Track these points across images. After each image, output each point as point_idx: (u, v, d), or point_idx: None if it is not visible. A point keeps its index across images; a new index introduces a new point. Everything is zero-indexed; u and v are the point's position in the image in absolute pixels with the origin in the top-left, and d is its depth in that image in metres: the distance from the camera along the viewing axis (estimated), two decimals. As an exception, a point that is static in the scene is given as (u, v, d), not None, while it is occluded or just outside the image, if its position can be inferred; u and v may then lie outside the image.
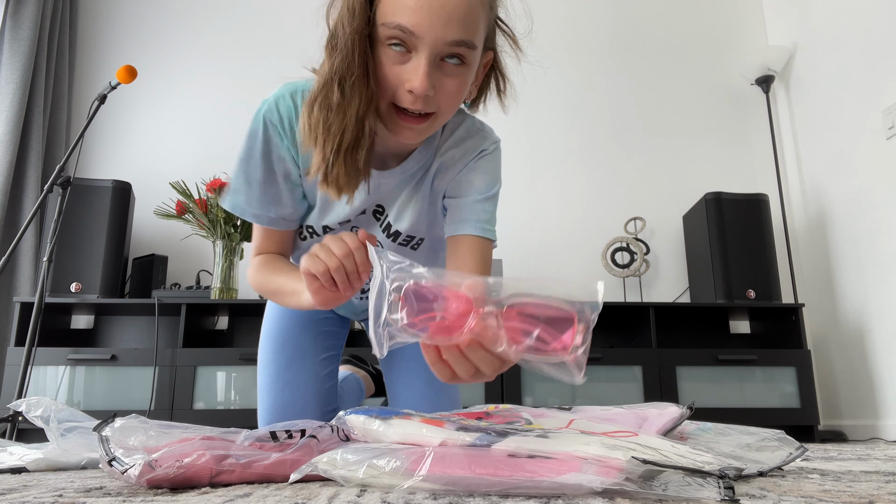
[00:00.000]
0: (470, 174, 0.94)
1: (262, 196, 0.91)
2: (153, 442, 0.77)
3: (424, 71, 0.74)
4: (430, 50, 0.74)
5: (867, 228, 2.59)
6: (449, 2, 0.72)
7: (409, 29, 0.73)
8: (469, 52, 0.77)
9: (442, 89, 0.78)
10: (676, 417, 0.86)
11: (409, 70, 0.75)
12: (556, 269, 2.97)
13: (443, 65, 0.77)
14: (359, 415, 0.84)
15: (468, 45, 0.76)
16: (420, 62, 0.74)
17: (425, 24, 0.72)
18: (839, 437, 2.59)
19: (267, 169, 0.90)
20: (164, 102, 3.05)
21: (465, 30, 0.74)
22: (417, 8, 0.72)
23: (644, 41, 3.29)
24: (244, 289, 2.78)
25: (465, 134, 0.95)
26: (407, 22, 0.72)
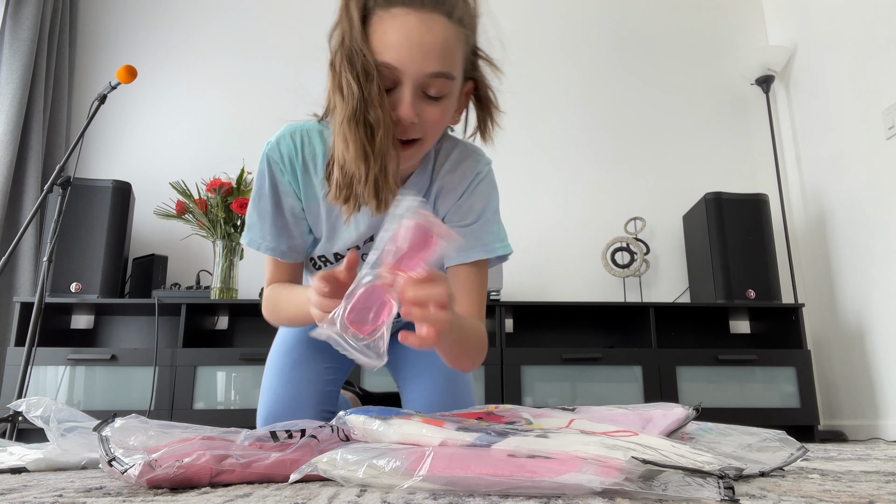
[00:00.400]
0: (471, 199, 1.01)
1: (273, 228, 0.99)
2: (153, 442, 0.77)
3: (409, 101, 0.83)
4: (413, 82, 0.83)
5: (867, 228, 2.59)
6: (427, 39, 0.81)
7: (393, 65, 0.81)
8: (448, 82, 0.85)
9: (425, 117, 0.86)
10: (682, 418, 0.86)
11: (394, 99, 0.83)
12: (556, 269, 2.97)
13: (425, 96, 0.85)
14: (359, 415, 0.84)
15: (446, 77, 0.84)
16: (405, 93, 0.83)
17: (406, 60, 0.81)
18: (839, 437, 2.59)
19: (275, 203, 0.98)
20: (164, 102, 3.05)
21: (443, 63, 0.83)
22: (399, 46, 0.81)
23: (644, 41, 3.29)
24: (244, 289, 2.78)
25: (458, 157, 1.02)
26: (390, 59, 0.81)
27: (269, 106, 3.05)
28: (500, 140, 2.90)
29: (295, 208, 1.00)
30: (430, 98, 0.85)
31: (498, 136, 1.03)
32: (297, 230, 1.00)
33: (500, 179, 1.11)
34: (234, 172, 2.70)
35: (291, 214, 1.00)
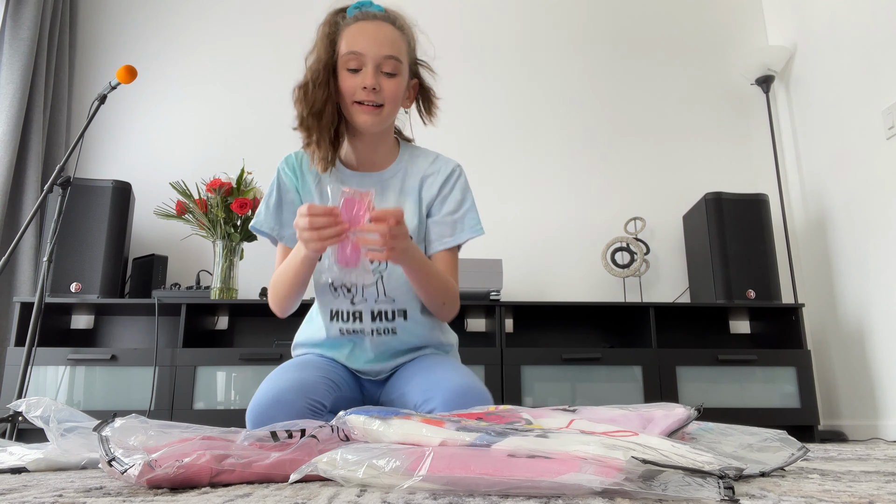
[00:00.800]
0: (453, 194, 1.30)
1: (276, 215, 1.28)
2: (153, 442, 0.77)
3: (371, 72, 1.18)
4: (373, 62, 1.18)
5: (867, 228, 2.59)
6: (380, 35, 1.19)
7: (358, 51, 1.18)
8: (398, 64, 1.20)
9: (384, 88, 1.19)
10: (683, 419, 0.86)
11: (362, 76, 1.19)
12: (556, 269, 2.97)
13: (382, 73, 1.19)
14: (359, 415, 0.84)
15: (397, 59, 1.20)
16: (368, 69, 1.18)
17: (367, 47, 1.18)
18: (839, 437, 2.59)
19: (279, 198, 1.29)
20: (164, 102, 3.05)
21: (392, 49, 1.20)
22: (362, 40, 1.18)
23: (644, 41, 3.29)
24: (244, 289, 2.78)
25: (434, 157, 1.34)
26: (356, 47, 1.18)
27: (268, 106, 3.06)
28: (500, 140, 3.04)
29: (295, 202, 1.28)
30: (386, 75, 1.19)
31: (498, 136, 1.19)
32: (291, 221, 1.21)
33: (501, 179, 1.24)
34: (234, 172, 2.70)
35: (290, 206, 1.27)
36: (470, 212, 1.30)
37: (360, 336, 1.27)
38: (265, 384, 1.17)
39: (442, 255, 1.28)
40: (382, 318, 1.26)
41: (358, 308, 1.25)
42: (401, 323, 1.26)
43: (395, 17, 1.23)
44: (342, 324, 1.27)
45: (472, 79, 3.18)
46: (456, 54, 3.20)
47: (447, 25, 3.23)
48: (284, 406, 1.10)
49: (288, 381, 1.15)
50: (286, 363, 1.29)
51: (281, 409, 1.10)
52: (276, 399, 1.11)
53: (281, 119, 3.08)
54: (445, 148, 2.99)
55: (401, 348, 1.29)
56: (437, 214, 1.29)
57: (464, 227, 1.29)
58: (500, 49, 3.23)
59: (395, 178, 1.29)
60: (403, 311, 1.26)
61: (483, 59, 3.21)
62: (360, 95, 1.18)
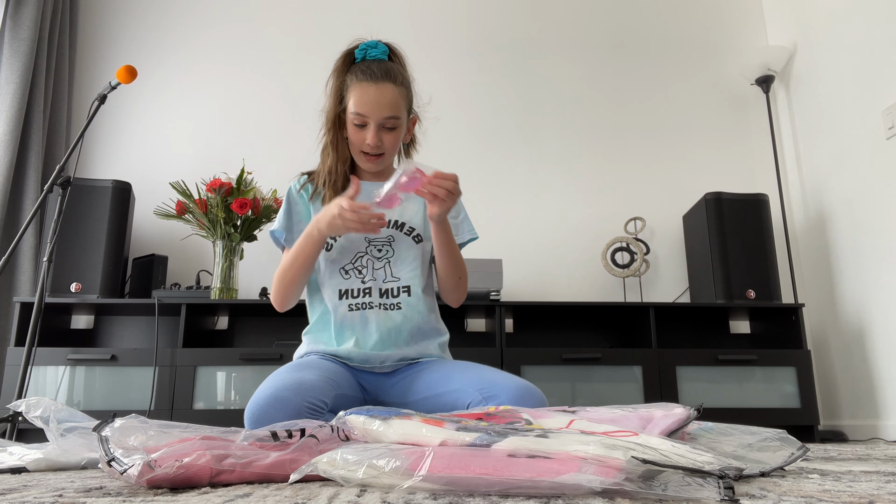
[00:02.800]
0: None
1: (288, 222, 1.46)
2: (153, 442, 0.77)
3: (373, 135, 1.36)
4: (375, 123, 1.36)
5: (867, 229, 2.59)
6: (382, 99, 1.35)
7: (363, 114, 1.36)
8: (396, 121, 1.38)
9: (385, 141, 1.39)
10: (682, 419, 0.86)
11: (366, 132, 1.37)
12: (556, 269, 2.97)
13: (383, 130, 1.38)
14: (359, 415, 0.84)
15: (395, 118, 1.37)
16: (371, 129, 1.37)
17: (371, 110, 1.35)
18: (839, 437, 2.59)
19: (288, 209, 1.47)
20: (164, 102, 3.05)
21: (392, 110, 1.36)
22: (366, 103, 1.35)
23: (644, 41, 3.30)
24: (244, 289, 2.78)
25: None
26: (361, 111, 1.35)
27: (268, 106, 3.06)
28: (500, 140, 3.05)
29: (301, 213, 1.46)
30: (387, 129, 1.38)
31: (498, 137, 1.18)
32: (298, 227, 1.43)
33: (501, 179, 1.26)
34: (234, 172, 2.70)
35: (297, 216, 1.46)
36: (466, 219, 1.50)
37: (368, 311, 1.37)
38: (263, 384, 1.18)
39: None
40: (389, 294, 1.39)
41: (368, 285, 1.38)
42: (405, 299, 1.39)
43: (396, 74, 1.38)
44: (351, 300, 1.38)
45: (472, 79, 3.18)
46: (456, 54, 3.20)
47: (447, 25, 3.23)
48: (282, 404, 1.11)
49: (286, 381, 1.16)
50: (286, 365, 1.32)
51: (279, 408, 1.10)
52: (274, 397, 1.12)
53: (281, 119, 3.09)
54: (446, 147, 3.01)
55: (405, 329, 1.38)
56: None
57: (463, 231, 1.49)
58: (501, 49, 3.23)
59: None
60: (408, 287, 1.39)
61: (483, 60, 3.21)
62: (365, 147, 1.38)
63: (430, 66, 3.16)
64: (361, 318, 1.37)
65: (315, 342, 1.41)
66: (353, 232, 1.27)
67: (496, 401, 1.17)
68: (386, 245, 1.41)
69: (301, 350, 1.44)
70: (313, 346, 1.41)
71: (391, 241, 1.41)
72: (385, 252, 1.40)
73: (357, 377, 1.37)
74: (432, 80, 3.15)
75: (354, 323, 1.37)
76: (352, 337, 1.36)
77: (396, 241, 1.41)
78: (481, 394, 1.21)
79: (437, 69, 3.16)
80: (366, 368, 1.38)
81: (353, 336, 1.36)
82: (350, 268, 1.40)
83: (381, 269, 1.39)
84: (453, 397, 1.26)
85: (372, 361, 1.36)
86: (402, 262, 1.41)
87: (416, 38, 3.18)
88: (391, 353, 1.36)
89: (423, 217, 1.45)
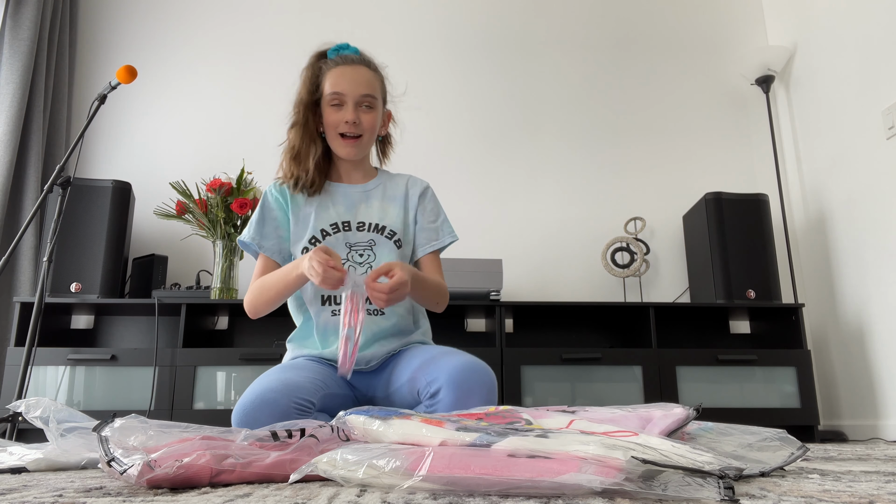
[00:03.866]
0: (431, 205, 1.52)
1: (259, 229, 1.43)
2: (153, 442, 0.77)
3: (351, 109, 1.39)
4: (352, 100, 1.39)
5: (867, 228, 2.59)
6: (357, 77, 1.40)
7: (340, 92, 1.39)
8: (374, 100, 1.41)
9: (363, 120, 1.41)
10: (682, 419, 0.86)
11: (344, 111, 1.40)
12: (556, 269, 2.97)
13: (361, 108, 1.40)
14: (359, 415, 0.84)
15: (372, 97, 1.41)
16: (349, 107, 1.39)
17: (348, 87, 1.39)
18: (839, 437, 2.59)
19: (262, 215, 1.45)
20: (164, 102, 3.05)
21: (369, 88, 1.41)
22: (342, 80, 1.39)
23: (644, 41, 3.29)
24: (244, 289, 2.78)
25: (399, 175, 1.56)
26: (338, 88, 1.39)
27: (268, 106, 3.05)
28: (500, 140, 3.06)
29: (278, 219, 1.45)
30: (364, 109, 1.40)
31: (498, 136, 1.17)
32: (274, 234, 1.44)
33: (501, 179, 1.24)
34: (234, 172, 2.70)
35: (276, 223, 1.45)
36: (446, 221, 1.53)
37: None
38: (250, 387, 1.19)
39: (430, 257, 1.49)
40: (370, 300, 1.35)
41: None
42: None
43: (370, 61, 1.45)
44: (334, 305, 1.38)
45: (472, 78, 3.18)
46: (456, 54, 3.20)
47: (447, 25, 3.23)
48: (269, 405, 1.11)
49: (272, 382, 1.16)
50: (273, 367, 1.33)
51: (266, 409, 1.11)
52: (261, 399, 1.12)
53: (281, 119, 3.09)
54: (446, 147, 3.01)
55: (388, 327, 1.39)
56: (421, 223, 1.50)
57: (444, 233, 1.51)
58: (501, 49, 3.23)
59: (376, 189, 1.50)
60: None
61: (483, 59, 3.21)
62: (342, 128, 1.40)
63: (430, 66, 3.16)
64: None
65: (300, 347, 1.42)
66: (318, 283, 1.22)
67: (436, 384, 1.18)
68: (367, 249, 1.41)
69: (288, 355, 1.45)
70: (299, 350, 1.41)
71: (372, 245, 1.42)
72: (366, 256, 1.41)
73: None
74: (432, 79, 3.17)
75: (338, 327, 1.36)
76: (336, 341, 1.36)
77: (378, 245, 1.42)
78: (425, 378, 1.22)
79: (437, 69, 3.16)
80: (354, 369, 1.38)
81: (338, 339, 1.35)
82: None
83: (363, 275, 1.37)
84: (409, 387, 1.27)
85: (359, 363, 1.36)
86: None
87: (416, 38, 3.18)
88: (376, 351, 1.38)
89: (402, 221, 1.47)
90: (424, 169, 2.47)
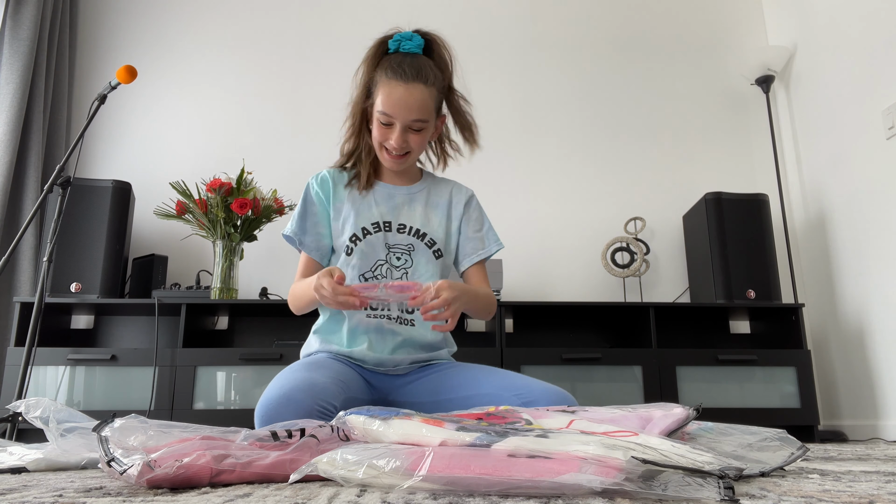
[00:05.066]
0: (476, 214, 1.52)
1: (300, 224, 1.43)
2: (153, 442, 0.77)
3: (398, 136, 1.33)
4: (401, 125, 1.33)
5: (867, 228, 2.59)
6: (410, 101, 1.30)
7: (390, 114, 1.32)
8: (424, 123, 1.34)
9: (411, 141, 1.36)
10: (682, 419, 0.86)
11: (391, 131, 1.34)
12: (556, 269, 2.97)
13: (410, 130, 1.34)
14: (359, 415, 0.84)
15: (423, 121, 1.34)
16: (396, 131, 1.33)
17: (397, 113, 1.31)
18: (839, 437, 2.59)
19: (304, 210, 1.44)
20: (164, 102, 3.05)
21: (420, 113, 1.32)
22: (394, 104, 1.30)
23: (644, 41, 3.29)
24: (244, 289, 2.78)
25: (444, 180, 1.55)
26: (388, 111, 1.31)
27: (269, 106, 3.06)
28: (500, 140, 3.05)
29: (320, 214, 1.43)
30: (413, 131, 1.35)
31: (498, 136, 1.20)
32: (313, 230, 1.43)
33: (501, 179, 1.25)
34: (234, 172, 2.70)
35: (319, 218, 1.44)
36: (491, 229, 1.52)
37: (384, 321, 1.37)
38: (274, 382, 1.17)
39: (476, 266, 1.48)
40: (406, 309, 1.38)
41: None
42: (419, 317, 1.36)
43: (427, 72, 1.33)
44: (370, 309, 1.37)
45: (471, 78, 3.17)
46: (456, 54, 3.19)
47: (447, 25, 3.22)
48: (294, 405, 1.10)
49: (297, 381, 1.15)
50: (296, 363, 1.32)
51: (290, 408, 1.10)
52: (287, 397, 1.11)
53: (281, 119, 3.09)
54: (445, 148, 3.00)
55: (419, 340, 1.39)
56: (466, 233, 1.49)
57: (490, 242, 1.50)
58: (500, 49, 3.23)
59: (420, 193, 1.49)
60: None
61: (483, 59, 3.21)
62: (388, 145, 1.35)
63: (430, 66, 3.16)
64: (377, 326, 1.37)
65: (327, 342, 1.39)
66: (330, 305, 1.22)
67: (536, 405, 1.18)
68: (405, 254, 1.39)
69: (311, 347, 1.42)
70: (325, 345, 1.39)
71: (410, 251, 1.40)
72: (404, 261, 1.39)
73: (367, 377, 1.37)
74: (432, 80, 3.17)
75: (370, 329, 1.37)
76: (365, 341, 1.36)
77: (416, 251, 1.40)
78: (520, 399, 1.22)
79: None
80: (379, 371, 1.38)
81: (367, 340, 1.36)
82: (370, 276, 1.38)
83: (399, 279, 1.39)
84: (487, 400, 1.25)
85: (386, 364, 1.37)
86: (420, 277, 1.39)
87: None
88: (404, 357, 1.38)
89: (445, 231, 1.45)
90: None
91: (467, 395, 1.29)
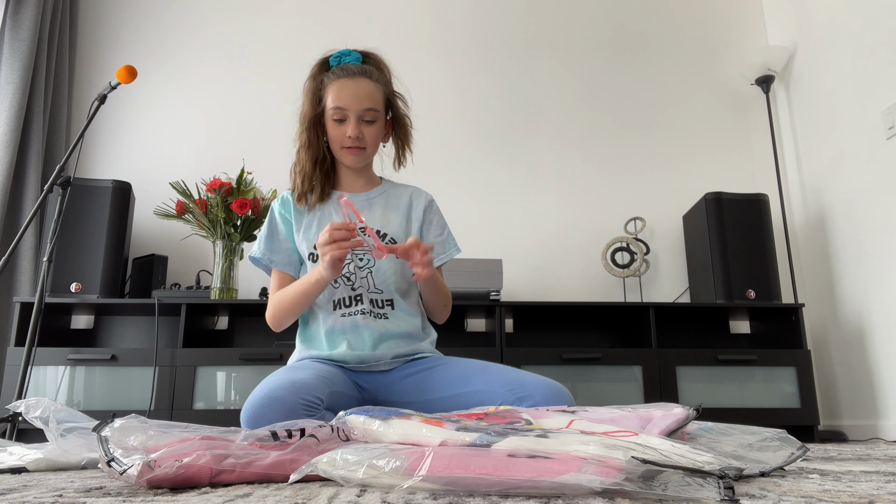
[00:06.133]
0: (436, 218, 1.56)
1: (268, 243, 1.48)
2: (153, 442, 0.77)
3: (353, 125, 1.41)
4: (355, 115, 1.41)
5: (867, 228, 2.59)
6: (360, 90, 1.40)
7: (342, 107, 1.40)
8: (376, 113, 1.42)
9: (365, 134, 1.43)
10: (682, 419, 0.86)
11: (346, 126, 1.41)
12: (556, 269, 2.97)
13: (363, 122, 1.42)
14: (359, 415, 0.84)
15: (374, 111, 1.42)
16: (351, 122, 1.41)
17: (351, 104, 1.40)
18: (839, 437, 2.59)
19: (271, 230, 1.49)
20: (164, 102, 3.05)
21: (371, 102, 1.41)
22: (345, 96, 1.40)
23: (644, 41, 3.29)
24: (244, 289, 2.78)
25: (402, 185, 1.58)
26: (341, 104, 1.40)
27: (268, 106, 3.06)
28: (500, 140, 3.06)
29: (284, 233, 1.48)
30: (366, 122, 1.42)
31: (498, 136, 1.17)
32: (282, 247, 1.48)
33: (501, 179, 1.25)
34: (234, 172, 2.70)
35: (284, 236, 1.49)
36: (450, 234, 1.57)
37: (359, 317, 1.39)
38: (258, 387, 1.19)
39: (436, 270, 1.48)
40: (376, 304, 1.41)
41: (358, 292, 1.41)
42: (390, 311, 1.42)
43: (371, 70, 1.44)
44: (343, 308, 1.40)
45: (471, 78, 3.18)
46: (456, 54, 3.20)
47: (447, 25, 3.23)
48: (278, 403, 1.11)
49: (279, 381, 1.17)
50: (280, 368, 1.34)
51: (274, 407, 1.11)
52: (269, 397, 1.12)
53: (281, 119, 3.09)
54: (446, 147, 3.01)
55: (396, 332, 1.41)
56: (427, 237, 1.53)
57: (450, 246, 1.55)
58: (500, 49, 3.23)
59: (380, 197, 1.53)
60: (391, 300, 1.43)
61: (482, 59, 3.21)
62: (346, 143, 1.42)
63: (429, 67, 3.16)
64: (353, 324, 1.39)
65: (308, 348, 1.43)
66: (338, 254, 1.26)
67: (530, 401, 1.18)
68: (367, 254, 1.43)
69: (295, 356, 1.46)
70: (306, 352, 1.42)
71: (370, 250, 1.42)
72: (366, 261, 1.42)
73: (353, 377, 1.38)
74: (432, 79, 3.17)
75: (346, 328, 1.39)
76: (343, 341, 1.38)
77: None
78: (513, 394, 1.22)
79: (437, 69, 3.16)
80: (362, 369, 1.39)
81: (345, 340, 1.38)
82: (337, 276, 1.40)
83: (365, 278, 1.41)
84: (479, 397, 1.25)
85: (367, 361, 1.38)
86: (383, 275, 1.42)
87: (416, 39, 3.18)
88: (385, 352, 1.39)
89: (405, 232, 1.49)
90: (425, 170, 2.48)
91: (458, 392, 1.29)
